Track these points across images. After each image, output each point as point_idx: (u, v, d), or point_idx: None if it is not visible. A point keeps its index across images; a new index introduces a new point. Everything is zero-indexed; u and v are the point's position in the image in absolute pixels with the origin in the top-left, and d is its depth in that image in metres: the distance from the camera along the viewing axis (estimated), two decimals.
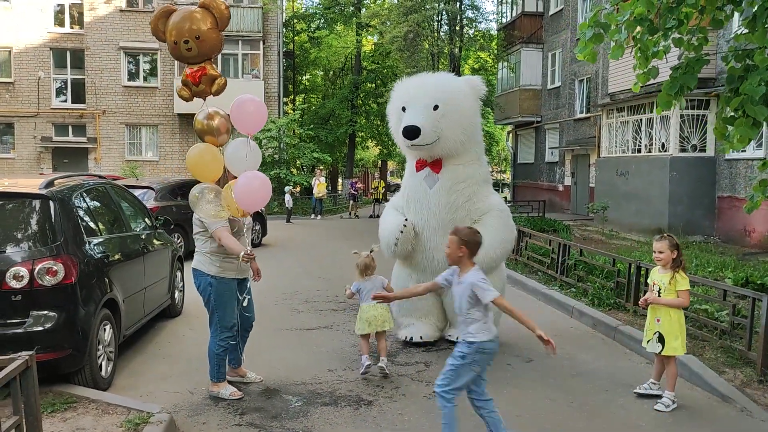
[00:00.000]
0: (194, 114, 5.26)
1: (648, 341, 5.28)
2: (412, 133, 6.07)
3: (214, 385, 5.26)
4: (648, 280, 5.50)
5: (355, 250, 6.21)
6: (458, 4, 24.27)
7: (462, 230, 4.26)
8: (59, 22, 26.12)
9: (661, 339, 5.15)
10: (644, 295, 5.47)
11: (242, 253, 4.97)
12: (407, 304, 6.63)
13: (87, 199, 5.99)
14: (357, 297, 6.02)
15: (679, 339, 5.13)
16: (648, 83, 5.77)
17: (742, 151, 14.81)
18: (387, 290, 5.95)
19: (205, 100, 5.12)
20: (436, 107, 6.19)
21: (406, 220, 6.41)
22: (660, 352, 5.18)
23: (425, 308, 6.69)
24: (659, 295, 5.19)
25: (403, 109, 6.34)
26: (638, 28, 5.11)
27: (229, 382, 5.37)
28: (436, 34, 23.69)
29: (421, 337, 6.64)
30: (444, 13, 23.80)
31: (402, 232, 6.34)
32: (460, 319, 4.25)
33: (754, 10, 4.78)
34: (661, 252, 5.23)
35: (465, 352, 4.11)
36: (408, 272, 6.72)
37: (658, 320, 5.18)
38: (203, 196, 5.00)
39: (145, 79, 26.64)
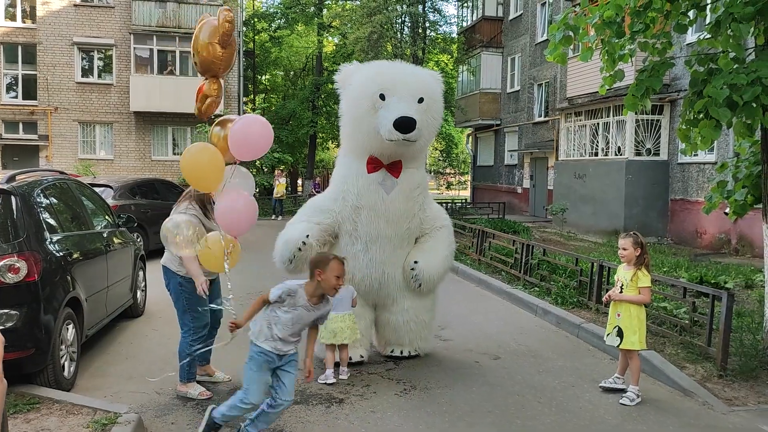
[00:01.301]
0: (151, 112, 5.12)
1: (608, 335, 5.43)
2: (410, 126, 5.29)
3: (183, 385, 5.16)
4: (615, 277, 5.62)
5: None
6: (421, 6, 24.43)
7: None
8: (10, 16, 25.27)
9: (620, 333, 5.28)
10: (607, 293, 5.61)
11: (200, 286, 4.83)
12: None
13: (48, 195, 5.81)
14: None
15: (638, 334, 5.26)
16: (610, 87, 5.91)
17: (694, 155, 15.29)
18: (353, 302, 5.67)
19: (207, 122, 4.92)
20: (421, 100, 5.55)
21: (308, 236, 5.65)
22: (618, 346, 5.32)
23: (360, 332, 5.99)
24: (621, 291, 5.31)
25: (382, 96, 5.47)
26: (607, 32, 5.24)
27: (197, 382, 5.28)
28: (399, 35, 23.78)
29: (361, 356, 6.04)
30: (407, 15, 23.91)
31: (300, 249, 5.58)
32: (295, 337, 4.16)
33: (717, 16, 4.95)
34: (624, 249, 5.35)
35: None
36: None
37: (619, 315, 5.32)
38: (180, 232, 4.62)
39: (99, 75, 25.97)
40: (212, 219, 5.03)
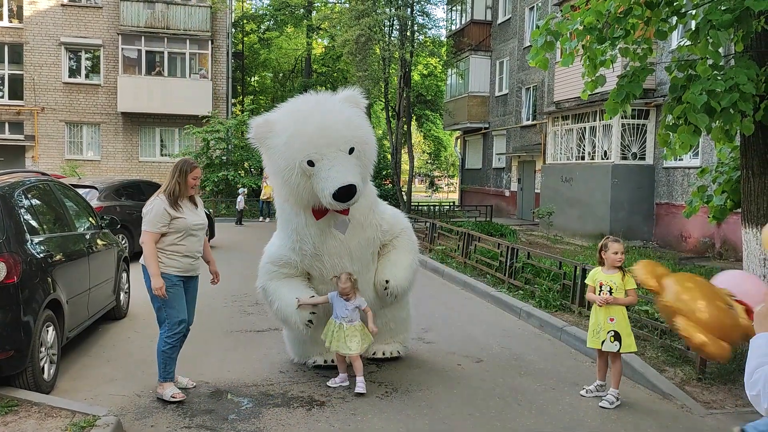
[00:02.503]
0: (139, 113, 5.02)
1: (603, 342, 5.26)
2: (351, 194, 4.90)
3: (160, 385, 5.12)
4: (588, 281, 5.53)
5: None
6: (409, 9, 24.49)
7: None
8: None
9: (617, 337, 5.24)
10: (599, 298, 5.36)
11: (157, 290, 4.92)
12: (302, 338, 5.96)
13: (30, 197, 5.79)
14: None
15: (631, 336, 5.29)
16: (592, 92, 5.98)
17: (679, 160, 15.43)
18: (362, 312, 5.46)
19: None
20: (351, 150, 5.05)
21: (313, 313, 5.43)
22: (618, 351, 5.28)
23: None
24: (610, 295, 5.29)
25: (310, 163, 4.93)
26: (587, 37, 5.28)
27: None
28: (387, 38, 23.83)
29: (324, 361, 6.01)
30: (395, 18, 23.96)
31: (309, 325, 5.45)
32: None
33: (696, 23, 5.01)
34: (623, 253, 5.39)
35: None
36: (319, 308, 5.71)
37: (612, 319, 5.23)
38: None
39: (87, 76, 25.85)
40: (182, 213, 5.05)
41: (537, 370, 6.22)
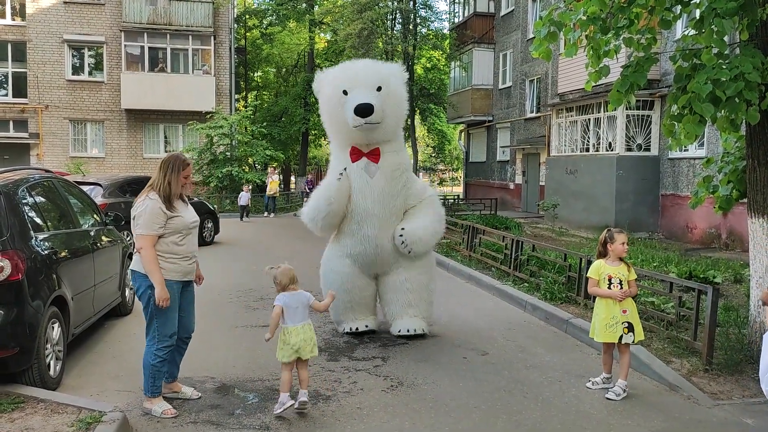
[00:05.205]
0: (143, 110, 4.84)
1: (620, 336, 5.20)
2: (367, 111, 6.08)
3: (148, 400, 4.77)
4: (591, 274, 5.42)
5: (270, 265, 5.01)
6: (411, 2, 24.41)
7: None
8: (0, 13, 25.16)
9: (630, 329, 5.20)
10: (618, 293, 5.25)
11: (159, 299, 4.60)
12: (341, 300, 6.60)
13: (33, 194, 5.79)
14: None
15: (640, 324, 5.32)
16: (596, 84, 5.93)
17: (685, 150, 15.36)
18: (314, 307, 4.93)
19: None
20: (379, 88, 6.32)
21: (345, 169, 6.48)
22: (633, 342, 5.26)
23: (362, 300, 6.89)
24: (621, 287, 5.26)
25: (345, 92, 6.33)
26: (591, 27, 5.24)
27: (164, 398, 4.91)
28: (390, 32, 23.77)
29: (366, 326, 6.90)
30: (398, 11, 23.89)
31: (341, 175, 6.41)
32: None
33: (701, 11, 4.96)
34: (629, 244, 5.38)
35: None
36: (349, 262, 6.73)
37: (626, 311, 5.21)
38: None
39: (90, 73, 25.87)
40: (177, 212, 4.76)
41: (543, 362, 6.20)
